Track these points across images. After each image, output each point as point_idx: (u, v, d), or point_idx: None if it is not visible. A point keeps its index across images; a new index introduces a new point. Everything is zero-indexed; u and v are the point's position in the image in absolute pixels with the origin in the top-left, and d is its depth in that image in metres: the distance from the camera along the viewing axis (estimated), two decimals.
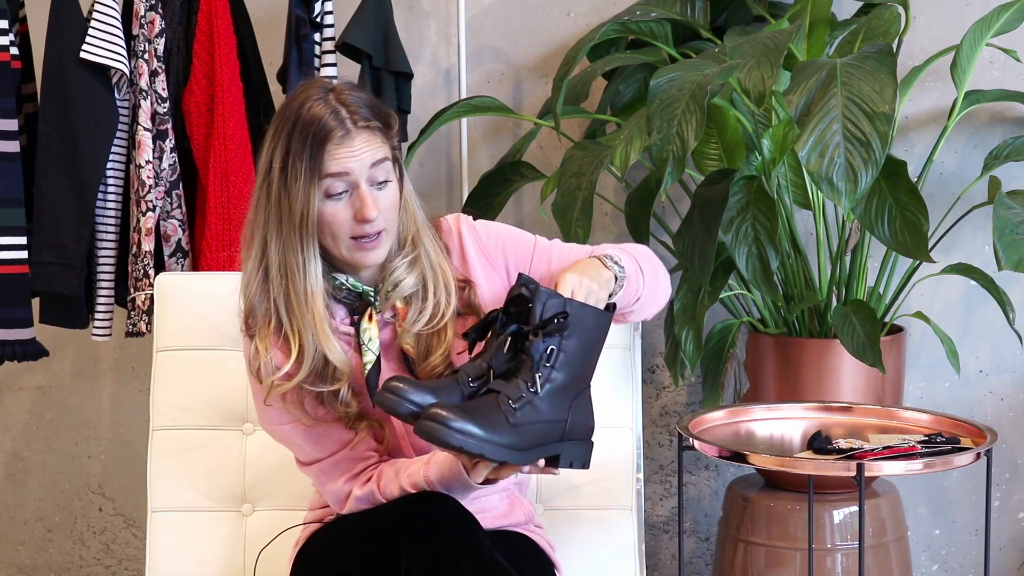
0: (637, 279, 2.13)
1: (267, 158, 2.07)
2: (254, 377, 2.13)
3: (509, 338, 2.00)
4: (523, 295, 1.99)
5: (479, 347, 2.06)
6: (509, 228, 2.23)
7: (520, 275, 2.03)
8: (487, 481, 2.06)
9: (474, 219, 2.24)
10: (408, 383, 1.98)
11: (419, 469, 2.11)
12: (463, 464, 2.04)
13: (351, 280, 2.13)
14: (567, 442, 2.02)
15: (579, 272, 2.05)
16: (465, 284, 2.16)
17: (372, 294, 2.13)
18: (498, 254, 2.19)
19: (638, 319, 2.22)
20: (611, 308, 2.07)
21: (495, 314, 2.02)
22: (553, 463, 2.02)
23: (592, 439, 2.06)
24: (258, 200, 2.08)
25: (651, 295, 2.18)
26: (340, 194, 2.05)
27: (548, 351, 1.98)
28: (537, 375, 1.98)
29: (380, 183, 2.07)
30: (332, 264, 2.12)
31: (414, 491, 2.11)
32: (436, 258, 2.14)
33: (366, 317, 2.12)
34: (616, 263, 2.10)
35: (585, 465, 2.05)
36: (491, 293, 2.18)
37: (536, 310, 1.98)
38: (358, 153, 2.04)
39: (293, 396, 2.12)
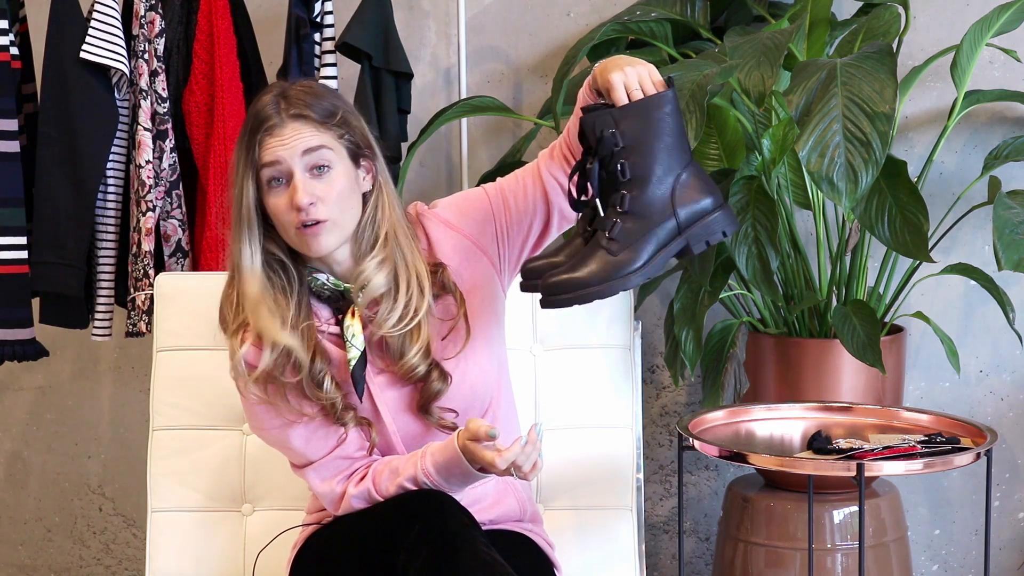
0: None
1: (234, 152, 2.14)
2: (233, 372, 2.15)
3: (579, 173, 1.99)
4: (580, 125, 1.97)
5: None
6: (458, 195, 2.25)
7: (583, 108, 2.00)
8: (482, 470, 2.07)
9: (428, 204, 2.26)
10: (532, 261, 2.01)
11: (415, 463, 2.12)
12: None
13: (332, 279, 2.14)
14: (688, 230, 1.98)
15: (620, 69, 1.98)
16: (437, 267, 2.17)
17: (352, 290, 2.14)
18: (463, 223, 2.20)
19: None
20: (670, 82, 1.98)
21: (583, 159, 2.01)
22: (686, 253, 2.00)
23: (718, 206, 2.00)
24: (230, 190, 2.15)
25: None
26: (279, 184, 2.08)
27: (618, 167, 1.95)
28: (620, 194, 1.95)
29: (319, 170, 2.09)
30: (311, 264, 2.14)
31: (413, 487, 2.11)
32: (411, 258, 2.14)
33: (349, 314, 2.13)
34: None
35: (726, 233, 2.00)
36: (461, 261, 2.19)
37: (588, 138, 1.96)
38: (287, 141, 2.07)
39: (274, 388, 2.12)
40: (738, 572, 3.02)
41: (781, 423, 2.52)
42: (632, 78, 1.97)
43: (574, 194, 2.02)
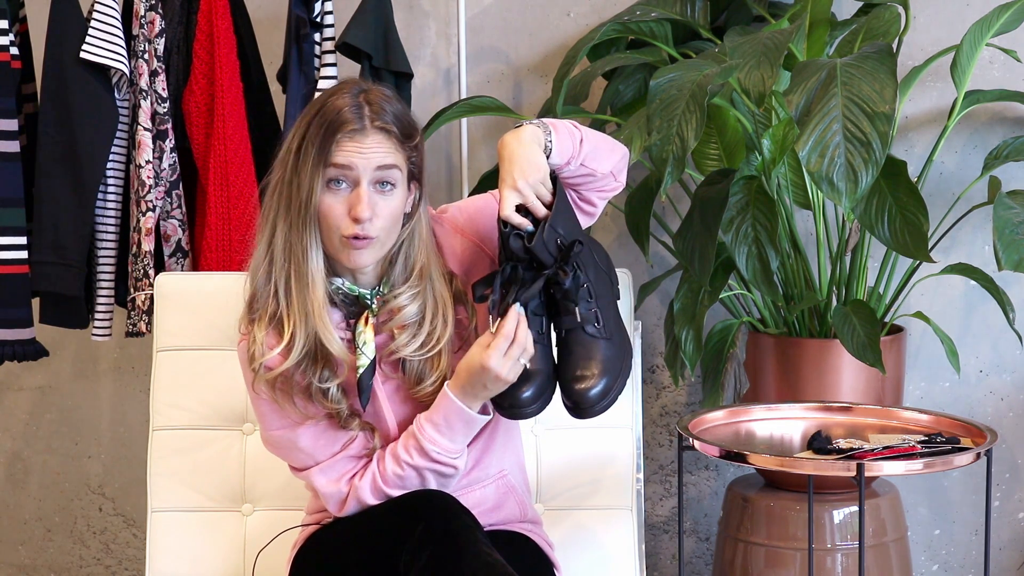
0: (561, 125, 2.11)
1: (287, 141, 2.10)
2: (247, 366, 2.13)
3: (543, 289, 2.07)
4: (524, 248, 2.05)
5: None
6: (466, 201, 2.24)
7: (500, 233, 2.05)
8: (483, 411, 2.12)
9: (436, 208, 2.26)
10: (518, 390, 2.07)
11: (414, 435, 2.12)
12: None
13: (347, 284, 2.13)
14: (614, 281, 2.18)
15: (512, 185, 2.03)
16: (450, 277, 2.17)
17: (368, 297, 2.13)
18: (473, 228, 2.20)
19: (603, 169, 2.17)
20: (555, 179, 2.08)
21: (507, 268, 2.07)
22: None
23: (601, 247, 2.20)
24: (274, 183, 2.10)
25: (592, 136, 2.15)
26: (341, 188, 2.06)
27: (575, 265, 2.06)
28: (583, 285, 2.07)
29: (383, 187, 2.07)
30: (331, 267, 2.12)
31: (422, 459, 2.11)
32: (439, 288, 2.14)
33: (362, 320, 2.12)
34: (526, 124, 2.09)
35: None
36: (470, 268, 2.19)
37: (546, 259, 2.04)
38: (367, 151, 2.05)
39: (283, 386, 2.11)
40: (738, 572, 3.02)
41: (781, 423, 2.52)
42: (529, 194, 2.04)
43: (541, 302, 2.09)
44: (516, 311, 2.05)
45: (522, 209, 2.05)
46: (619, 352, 2.08)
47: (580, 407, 2.06)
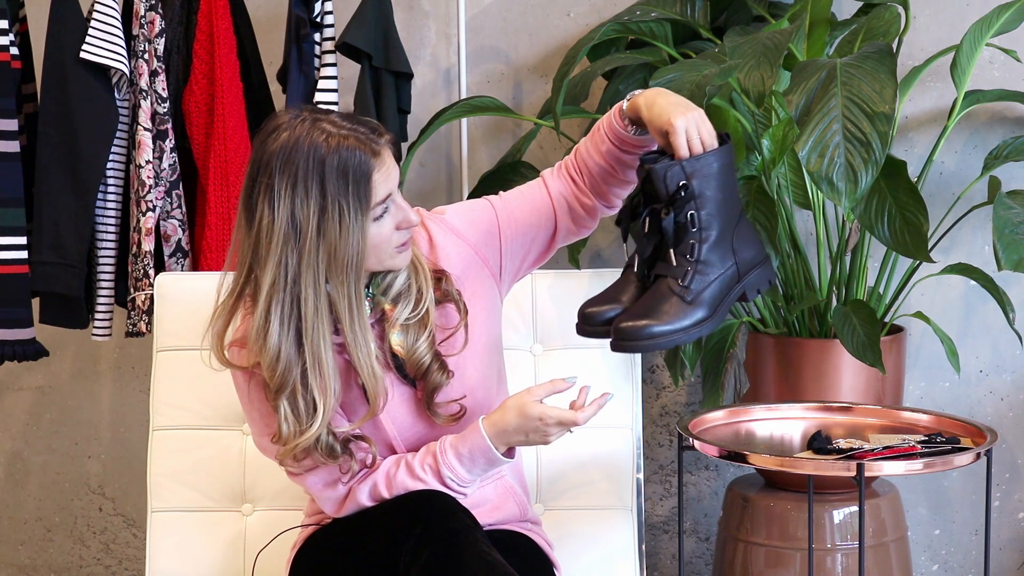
0: None
1: (288, 213, 2.00)
2: (276, 443, 2.10)
3: (648, 219, 2.05)
4: (648, 174, 2.02)
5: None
6: (464, 204, 2.25)
7: (641, 156, 2.05)
8: (508, 453, 2.11)
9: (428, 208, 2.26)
10: (593, 306, 2.06)
11: (434, 455, 2.12)
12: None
13: None
14: (745, 278, 2.09)
15: (682, 114, 2.01)
16: (440, 275, 2.16)
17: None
18: (469, 232, 2.20)
19: None
20: (725, 138, 2.05)
21: (637, 198, 2.07)
22: (743, 300, 2.10)
23: (765, 256, 2.12)
24: (281, 260, 2.01)
25: None
26: (384, 215, 2.05)
27: (688, 218, 2.02)
28: (690, 243, 2.03)
29: (398, 186, 2.09)
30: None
31: (435, 480, 2.12)
32: (416, 251, 2.15)
33: None
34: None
35: (772, 283, 2.13)
36: (464, 270, 2.19)
37: (659, 189, 2.01)
38: (391, 170, 2.05)
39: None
40: (738, 572, 3.02)
41: (781, 423, 2.52)
42: (693, 128, 2.01)
43: (643, 234, 2.06)
44: (604, 402, 2.09)
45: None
46: (687, 320, 2.02)
47: (615, 335, 2.03)
